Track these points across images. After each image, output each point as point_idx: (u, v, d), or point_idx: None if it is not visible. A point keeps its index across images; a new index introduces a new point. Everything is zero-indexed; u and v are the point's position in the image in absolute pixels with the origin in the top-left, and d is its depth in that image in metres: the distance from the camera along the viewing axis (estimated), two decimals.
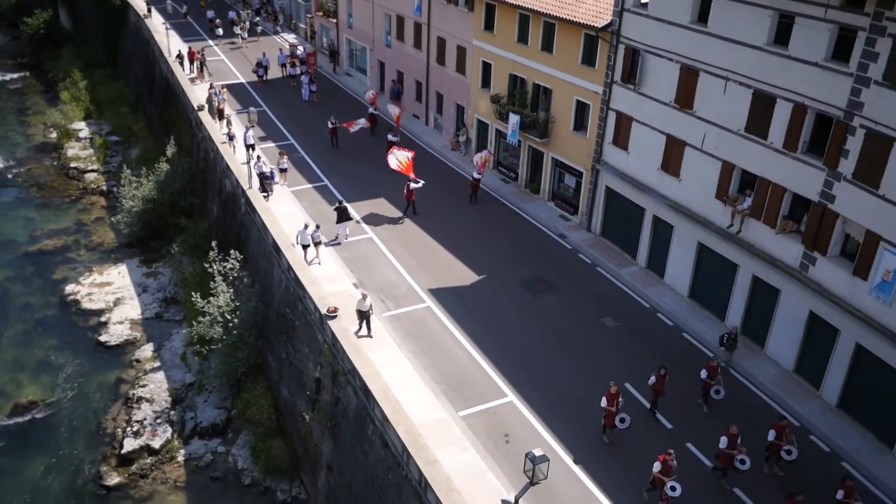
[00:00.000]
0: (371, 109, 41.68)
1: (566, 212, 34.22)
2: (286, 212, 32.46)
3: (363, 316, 24.52)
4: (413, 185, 32.71)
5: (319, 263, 28.83)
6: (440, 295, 27.87)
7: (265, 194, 32.96)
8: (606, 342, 25.76)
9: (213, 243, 31.45)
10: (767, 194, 24.20)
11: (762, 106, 23.71)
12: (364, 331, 24.74)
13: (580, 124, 32.28)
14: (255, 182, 33.57)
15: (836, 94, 21.35)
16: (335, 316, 24.75)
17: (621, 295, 28.71)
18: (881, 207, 20.61)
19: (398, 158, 33.28)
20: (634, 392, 23.30)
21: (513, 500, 15.22)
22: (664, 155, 28.06)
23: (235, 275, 30.37)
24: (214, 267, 29.96)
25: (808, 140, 22.80)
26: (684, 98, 26.57)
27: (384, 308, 26.82)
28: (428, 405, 22.12)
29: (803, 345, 23.95)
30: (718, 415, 22.15)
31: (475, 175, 34.91)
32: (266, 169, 33.79)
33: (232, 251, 30.65)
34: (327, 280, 27.81)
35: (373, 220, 32.95)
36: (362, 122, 39.01)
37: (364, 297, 24.45)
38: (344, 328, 24.31)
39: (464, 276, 29.17)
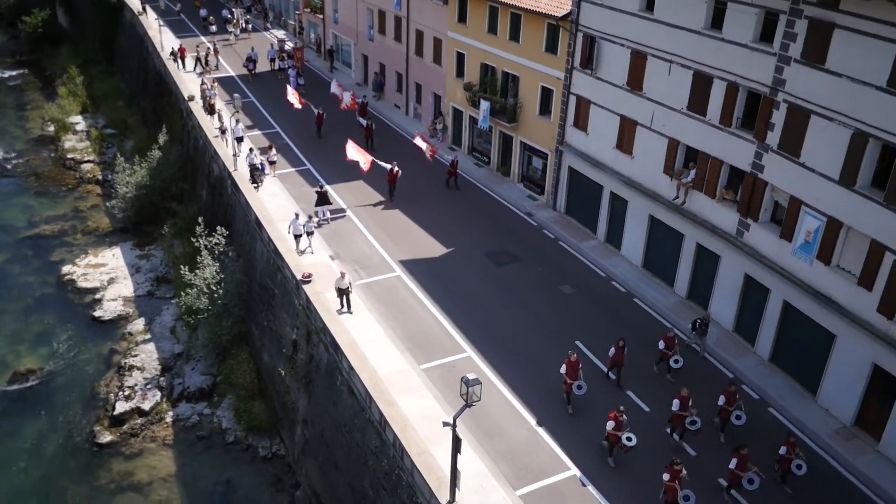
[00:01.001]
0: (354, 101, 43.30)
1: (534, 192, 36.28)
2: (269, 192, 34.52)
3: (342, 293, 26.03)
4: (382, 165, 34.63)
5: (312, 252, 29.75)
6: (410, 265, 29.92)
7: (255, 185, 34.45)
8: (563, 306, 27.79)
9: (200, 219, 33.46)
10: (708, 167, 26.28)
11: (701, 86, 25.78)
12: (344, 307, 26.14)
13: (545, 109, 34.35)
14: (241, 163, 35.52)
15: (763, 73, 23.42)
16: (309, 281, 26.81)
17: (580, 266, 30.75)
18: (802, 174, 22.67)
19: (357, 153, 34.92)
20: (585, 350, 25.32)
21: (451, 420, 17.15)
22: (618, 134, 30.12)
23: (221, 249, 32.34)
24: (201, 241, 31.92)
25: (740, 116, 24.89)
26: (635, 81, 28.65)
27: (357, 277, 28.83)
28: (392, 359, 24.13)
29: (740, 305, 26.01)
30: (678, 381, 23.29)
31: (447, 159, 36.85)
32: (257, 161, 35.23)
33: (218, 227, 32.62)
34: (312, 263, 29.73)
35: (350, 200, 34.95)
36: (347, 98, 40.93)
37: (342, 275, 26.02)
38: (317, 291, 26.36)
39: (433, 249, 31.20)
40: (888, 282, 20.53)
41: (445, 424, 17.23)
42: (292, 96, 40.76)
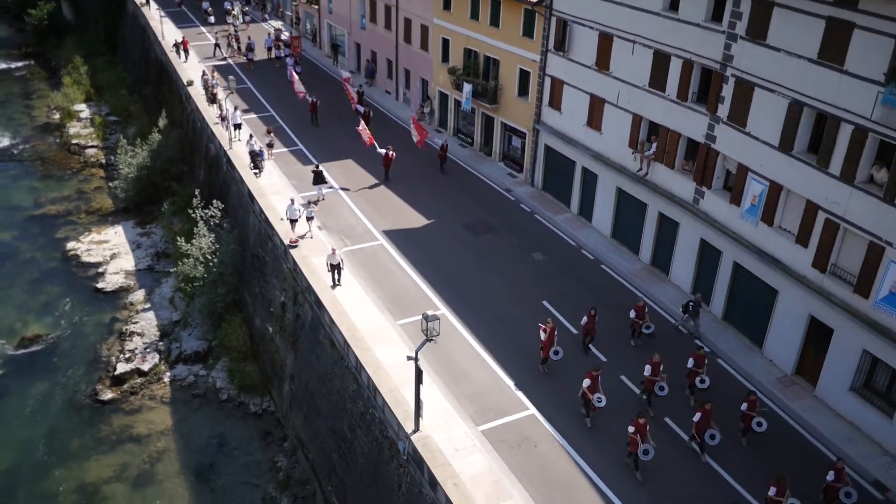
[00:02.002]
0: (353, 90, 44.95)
1: (514, 170, 38.23)
2: (264, 170, 36.43)
3: (334, 268, 27.28)
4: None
5: (311, 237, 30.28)
6: (392, 235, 31.89)
7: (256, 171, 35.74)
8: (533, 271, 29.73)
9: (196, 191, 35.44)
10: (667, 140, 28.19)
11: (660, 64, 27.68)
12: (336, 282, 27.16)
13: (523, 90, 36.26)
14: (237, 144, 37.46)
15: (714, 50, 25.30)
16: (296, 246, 28.82)
17: (552, 236, 32.68)
18: (748, 143, 24.56)
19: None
20: (551, 308, 27.25)
21: (414, 354, 19.08)
22: (589, 112, 32.03)
23: (216, 222, 34.33)
24: (197, 213, 33.91)
25: (696, 91, 26.78)
26: (602, 61, 30.55)
27: (343, 244, 30.76)
28: (371, 316, 26.06)
29: (697, 268, 27.92)
30: (648, 349, 24.33)
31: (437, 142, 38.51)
32: (257, 147, 36.57)
33: (214, 201, 34.60)
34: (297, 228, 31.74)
35: (339, 176, 36.88)
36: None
37: (333, 251, 27.35)
38: (303, 255, 28.36)
39: (415, 221, 33.16)
40: (821, 239, 22.43)
41: (409, 358, 19.19)
42: (298, 85, 42.40)
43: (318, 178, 34.42)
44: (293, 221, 30.40)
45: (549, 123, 34.86)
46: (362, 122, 37.01)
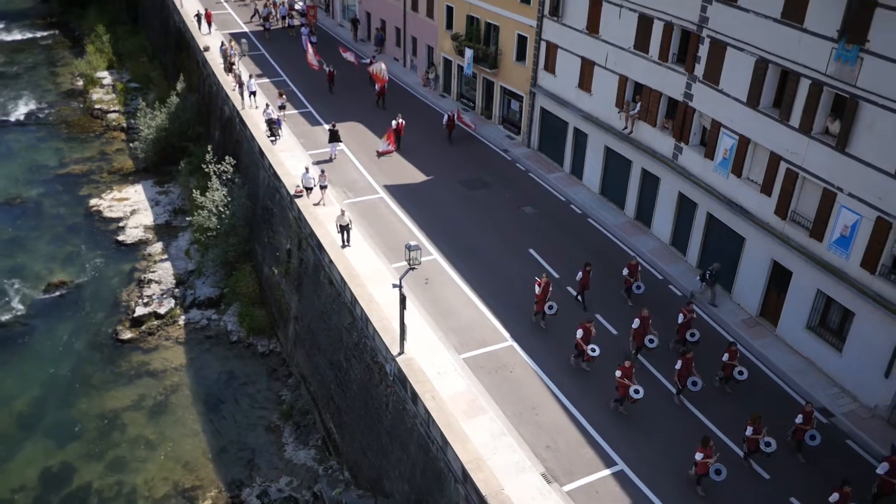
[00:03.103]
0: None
1: (512, 132, 40.01)
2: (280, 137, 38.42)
3: (343, 229, 28.65)
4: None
5: (324, 205, 31.01)
6: (392, 189, 33.88)
7: (273, 138, 37.15)
8: (522, 223, 31.64)
9: (210, 147, 37.58)
10: (650, 99, 29.86)
11: (644, 26, 29.28)
12: (345, 243, 28.20)
13: (521, 55, 37.94)
14: (249, 105, 39.53)
15: (692, 12, 26.87)
16: (301, 195, 30.88)
17: (544, 192, 34.52)
18: (720, 99, 26.22)
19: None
20: (537, 255, 29.18)
21: (398, 282, 21.12)
22: (580, 74, 33.70)
23: (229, 177, 36.48)
24: (211, 168, 36.09)
25: (676, 52, 28.39)
26: (592, 25, 32.17)
27: (345, 197, 32.81)
28: (367, 259, 28.10)
29: (675, 220, 29.69)
30: (639, 306, 24.89)
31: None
32: (274, 116, 37.92)
33: (227, 157, 36.75)
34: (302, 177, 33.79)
35: (346, 138, 38.73)
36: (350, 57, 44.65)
37: (343, 212, 28.78)
38: (306, 204, 30.41)
39: (414, 177, 35.12)
40: (782, 188, 24.14)
41: (394, 286, 21.25)
42: (312, 58, 44.03)
43: (334, 137, 36.18)
44: (308, 189, 31.40)
45: (544, 86, 36.55)
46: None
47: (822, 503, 18.07)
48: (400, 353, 22.13)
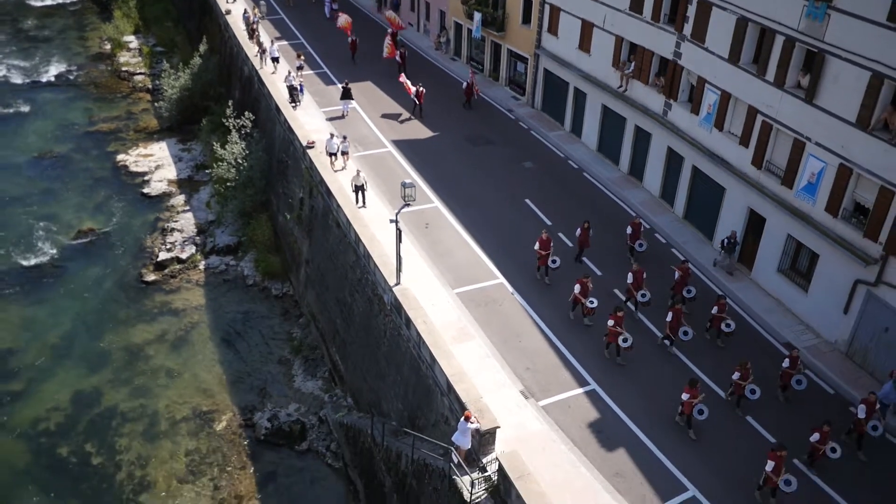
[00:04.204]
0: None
1: (517, 93, 41.69)
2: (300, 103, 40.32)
3: (358, 189, 29.86)
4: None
5: (344, 168, 32.02)
6: (400, 144, 35.82)
7: (294, 104, 38.54)
8: (521, 175, 33.49)
9: (230, 102, 39.66)
10: (643, 58, 31.42)
11: None
12: (360, 203, 29.48)
13: (526, 18, 39.50)
14: (270, 68, 41.52)
15: None
16: (312, 146, 32.90)
17: (544, 149, 36.28)
18: (705, 57, 27.77)
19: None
20: (532, 206, 31.06)
21: (394, 217, 23.12)
22: (580, 36, 35.27)
23: (247, 131, 38.58)
24: (230, 122, 38.20)
25: (667, 12, 29.91)
26: None
27: (356, 150, 34.78)
28: (372, 205, 30.13)
29: (664, 174, 31.38)
30: (641, 264, 25.65)
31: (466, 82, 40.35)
32: (296, 83, 39.26)
33: (246, 112, 38.82)
34: (315, 132, 35.77)
35: (360, 97, 40.64)
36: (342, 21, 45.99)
37: (358, 172, 30.05)
38: (317, 154, 32.43)
39: (421, 133, 37.02)
40: (758, 139, 25.75)
41: (391, 221, 23.26)
42: (343, 21, 45.52)
43: (346, 94, 38.12)
44: (332, 155, 32.15)
45: (547, 48, 38.15)
46: (403, 75, 39.54)
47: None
48: (397, 284, 24.16)
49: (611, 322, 22.41)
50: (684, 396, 20.04)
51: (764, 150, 25.61)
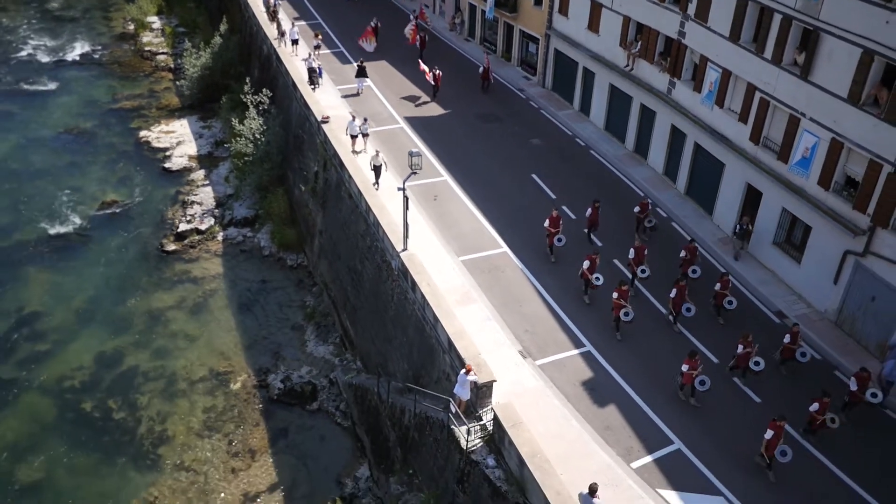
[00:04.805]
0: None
1: (529, 73, 42.57)
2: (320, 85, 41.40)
3: (376, 169, 30.61)
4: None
5: (365, 152, 32.52)
6: (412, 120, 36.89)
7: (313, 86, 39.20)
8: (528, 152, 34.46)
9: (248, 79, 40.87)
10: (649, 38, 32.21)
11: None
12: (376, 184, 29.94)
13: None
14: (289, 50, 42.63)
15: None
16: (327, 121, 34.05)
17: (553, 127, 37.18)
18: (708, 36, 28.54)
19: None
20: (538, 180, 32.06)
21: (402, 185, 24.22)
22: (590, 16, 36.07)
23: (265, 108, 39.80)
24: (248, 98, 39.43)
25: None
26: None
27: (368, 126, 35.83)
28: (384, 178, 31.19)
29: (668, 151, 32.21)
30: (650, 242, 27.24)
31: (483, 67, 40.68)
32: (315, 65, 40.01)
33: (264, 89, 40.02)
34: (330, 108, 36.90)
35: (374, 76, 41.68)
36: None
37: (377, 153, 30.87)
38: (331, 129, 33.56)
39: (433, 110, 38.06)
40: (756, 115, 26.56)
41: (399, 189, 24.37)
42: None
43: (361, 73, 39.20)
44: (353, 137, 32.72)
45: (558, 29, 38.97)
46: (422, 62, 39.95)
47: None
48: (404, 250, 25.29)
49: (615, 295, 23.17)
50: (684, 368, 20.64)
51: (761, 127, 26.41)
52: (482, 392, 20.10)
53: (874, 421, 21.13)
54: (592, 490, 16.31)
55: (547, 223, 26.70)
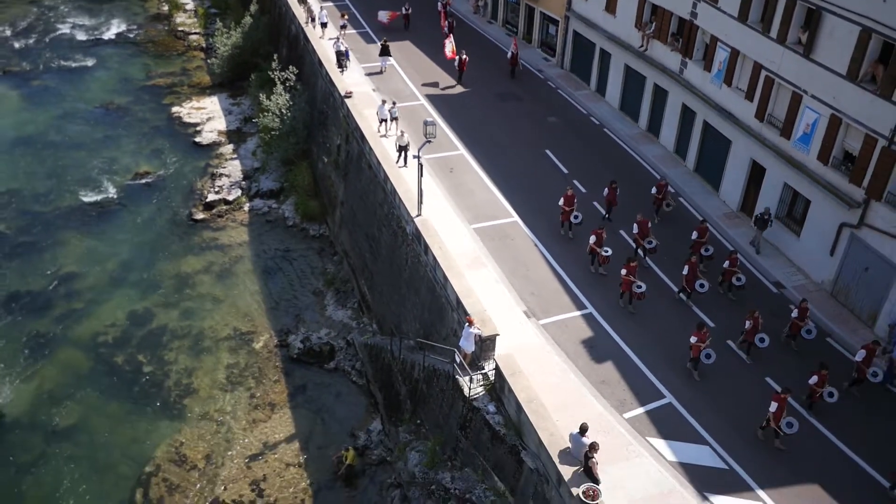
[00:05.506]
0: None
1: (548, 55, 43.59)
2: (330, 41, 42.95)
3: (402, 149, 31.61)
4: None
5: (393, 135, 32.92)
6: (432, 97, 38.15)
7: (341, 69, 40.32)
8: (544, 129, 35.58)
9: (275, 55, 42.38)
10: (663, 19, 33.12)
11: None
12: (402, 162, 30.83)
13: None
14: (318, 33, 44.01)
15: None
16: (350, 96, 35.43)
17: (569, 106, 38.23)
18: (718, 16, 29.42)
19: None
20: (552, 156, 33.20)
21: (417, 152, 25.53)
22: None
23: (291, 84, 41.28)
24: (276, 75, 40.95)
25: None
26: None
27: (391, 103, 37.16)
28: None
29: (679, 129, 33.14)
30: (666, 222, 28.50)
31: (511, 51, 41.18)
32: (343, 48, 40.97)
33: (290, 66, 41.50)
34: (354, 84, 38.25)
35: (397, 54, 42.94)
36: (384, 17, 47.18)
37: (402, 133, 31.92)
38: (354, 103, 34.94)
39: (454, 89, 39.26)
40: (761, 93, 27.45)
41: (414, 157, 25.69)
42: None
43: (384, 51, 40.52)
44: (383, 121, 33.43)
45: (577, 11, 39.93)
46: (450, 38, 40.92)
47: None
48: (418, 215, 26.62)
49: (624, 272, 23.92)
50: (692, 339, 21.25)
51: (766, 104, 27.30)
52: (486, 345, 21.38)
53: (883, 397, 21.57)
54: (583, 429, 17.52)
55: (561, 201, 27.50)
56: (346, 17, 45.43)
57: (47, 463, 26.51)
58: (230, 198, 40.75)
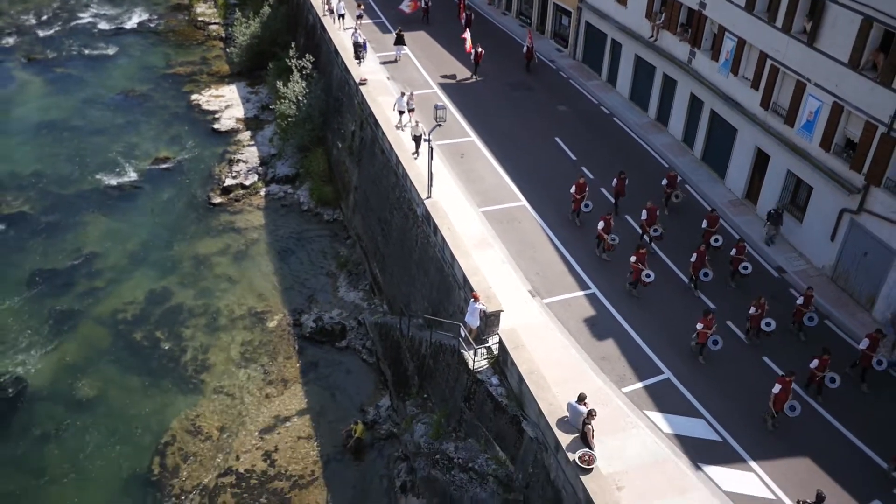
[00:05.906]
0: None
1: (561, 46, 44.16)
2: (347, 31, 43.78)
3: (417, 139, 32.00)
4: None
5: (410, 126, 32.73)
6: (445, 86, 38.87)
7: (359, 61, 40.67)
8: (554, 118, 36.22)
9: (293, 43, 43.26)
10: (672, 9, 33.65)
11: None
12: (417, 153, 30.96)
13: None
14: (337, 24, 44.74)
15: None
16: (365, 83, 36.22)
17: (580, 96, 38.82)
18: (726, 6, 29.91)
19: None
20: (560, 143, 33.86)
21: (427, 136, 26.26)
22: None
23: (307, 72, 42.14)
24: (293, 62, 41.81)
25: None
26: None
27: (406, 91, 37.95)
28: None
29: (687, 118, 33.67)
30: (676, 213, 28.99)
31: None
32: (360, 39, 41.40)
33: (307, 55, 42.36)
34: (369, 72, 39.03)
35: (412, 45, 43.64)
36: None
37: (417, 123, 32.26)
38: (369, 90, 35.72)
39: (467, 79, 39.95)
40: (766, 82, 27.96)
41: (425, 140, 26.44)
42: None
43: (399, 41, 41.30)
44: (401, 113, 33.64)
45: (589, 2, 40.46)
46: (467, 31, 41.58)
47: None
48: (428, 198, 27.39)
49: (633, 258, 24.32)
50: (699, 326, 21.69)
51: (771, 92, 27.81)
52: (490, 321, 22.14)
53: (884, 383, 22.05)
54: (581, 398, 18.25)
55: (573, 189, 27.97)
56: (362, 7, 46.14)
57: (69, 431, 27.58)
58: (247, 183, 41.69)
